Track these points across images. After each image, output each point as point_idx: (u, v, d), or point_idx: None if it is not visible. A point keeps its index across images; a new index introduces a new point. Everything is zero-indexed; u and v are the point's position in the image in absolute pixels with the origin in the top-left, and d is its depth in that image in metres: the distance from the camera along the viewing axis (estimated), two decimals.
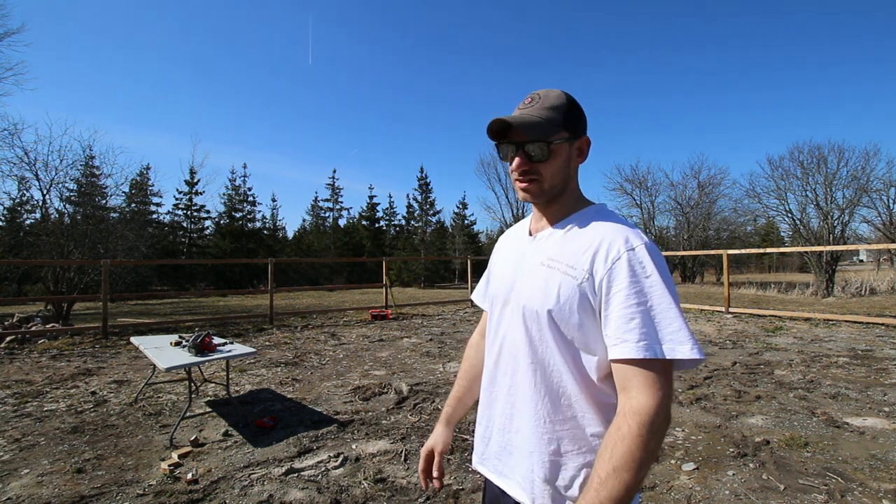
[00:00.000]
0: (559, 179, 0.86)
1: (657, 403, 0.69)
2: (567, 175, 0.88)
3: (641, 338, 0.71)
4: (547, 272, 0.82)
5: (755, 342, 6.14)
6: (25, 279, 15.20)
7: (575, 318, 0.78)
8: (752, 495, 2.26)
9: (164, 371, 3.06)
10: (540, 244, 0.89)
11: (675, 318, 0.72)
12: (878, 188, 19.54)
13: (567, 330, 0.79)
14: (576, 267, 0.79)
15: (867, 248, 29.61)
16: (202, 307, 13.74)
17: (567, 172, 0.88)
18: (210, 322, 8.56)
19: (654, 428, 0.68)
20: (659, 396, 0.70)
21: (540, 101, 0.85)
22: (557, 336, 0.80)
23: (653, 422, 0.68)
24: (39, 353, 5.97)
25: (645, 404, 0.69)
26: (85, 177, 14.76)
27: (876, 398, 3.66)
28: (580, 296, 0.78)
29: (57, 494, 2.36)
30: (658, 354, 0.70)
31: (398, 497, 2.32)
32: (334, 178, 35.31)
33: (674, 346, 0.71)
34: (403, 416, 3.48)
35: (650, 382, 0.70)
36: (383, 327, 8.13)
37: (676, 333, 0.71)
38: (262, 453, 2.83)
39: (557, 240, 0.86)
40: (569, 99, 0.87)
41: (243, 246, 27.29)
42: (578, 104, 0.89)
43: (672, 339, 0.71)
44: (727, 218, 27.74)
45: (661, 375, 0.71)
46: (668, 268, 0.76)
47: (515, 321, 0.86)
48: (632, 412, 0.69)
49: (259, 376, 4.70)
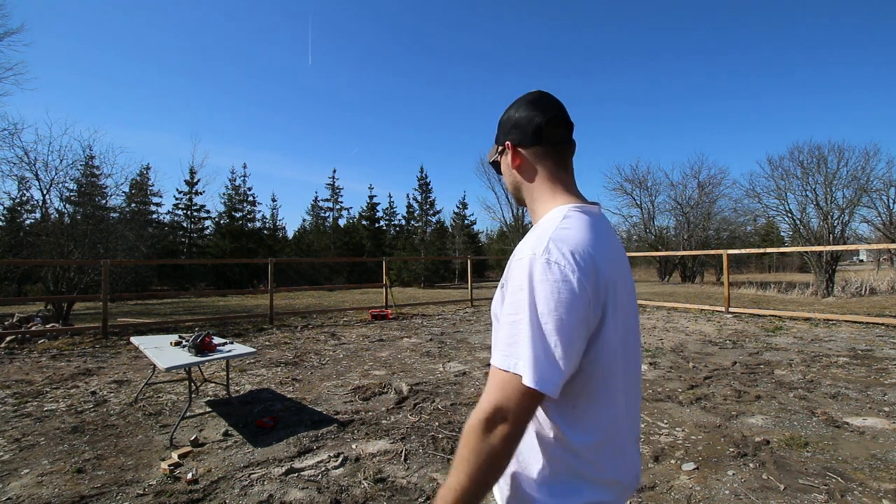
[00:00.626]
0: (511, 187, 0.92)
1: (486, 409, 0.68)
2: (513, 182, 0.91)
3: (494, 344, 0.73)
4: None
5: (755, 342, 6.14)
6: (25, 279, 15.22)
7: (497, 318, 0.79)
8: (752, 495, 2.26)
9: (164, 371, 3.06)
10: None
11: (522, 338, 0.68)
12: (878, 188, 19.59)
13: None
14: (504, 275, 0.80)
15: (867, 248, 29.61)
16: (202, 307, 13.73)
17: (512, 180, 0.91)
18: (210, 322, 8.56)
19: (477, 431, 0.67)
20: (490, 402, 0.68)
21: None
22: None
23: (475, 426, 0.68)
24: (39, 353, 5.97)
25: (478, 407, 0.69)
26: (85, 177, 14.74)
27: (876, 398, 3.66)
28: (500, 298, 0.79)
29: (57, 494, 2.36)
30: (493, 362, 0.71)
31: (398, 497, 2.32)
32: (334, 177, 35.30)
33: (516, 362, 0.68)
34: (403, 416, 3.48)
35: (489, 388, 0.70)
36: (383, 327, 8.14)
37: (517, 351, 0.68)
38: (262, 453, 2.83)
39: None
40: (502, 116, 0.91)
41: (243, 246, 27.27)
42: (506, 115, 0.90)
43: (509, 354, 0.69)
44: (727, 218, 27.77)
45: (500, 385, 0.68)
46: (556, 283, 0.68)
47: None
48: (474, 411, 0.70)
49: (259, 376, 4.70)
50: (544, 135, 0.85)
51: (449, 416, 3.46)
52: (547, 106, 0.86)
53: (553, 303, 0.68)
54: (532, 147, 0.86)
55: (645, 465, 2.64)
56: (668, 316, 9.10)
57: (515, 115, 0.87)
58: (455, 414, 3.49)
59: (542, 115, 0.85)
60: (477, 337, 6.94)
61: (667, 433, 3.08)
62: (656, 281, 28.84)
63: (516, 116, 0.87)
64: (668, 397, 3.83)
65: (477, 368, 4.91)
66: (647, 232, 32.18)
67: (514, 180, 0.90)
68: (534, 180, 0.87)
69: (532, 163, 0.87)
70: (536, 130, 0.85)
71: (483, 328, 7.84)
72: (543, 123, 0.85)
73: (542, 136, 0.85)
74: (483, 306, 11.54)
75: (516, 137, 0.87)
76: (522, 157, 0.87)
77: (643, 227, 32.44)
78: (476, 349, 5.97)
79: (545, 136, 0.85)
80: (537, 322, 0.68)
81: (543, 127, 0.85)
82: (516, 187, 0.90)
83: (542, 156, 0.86)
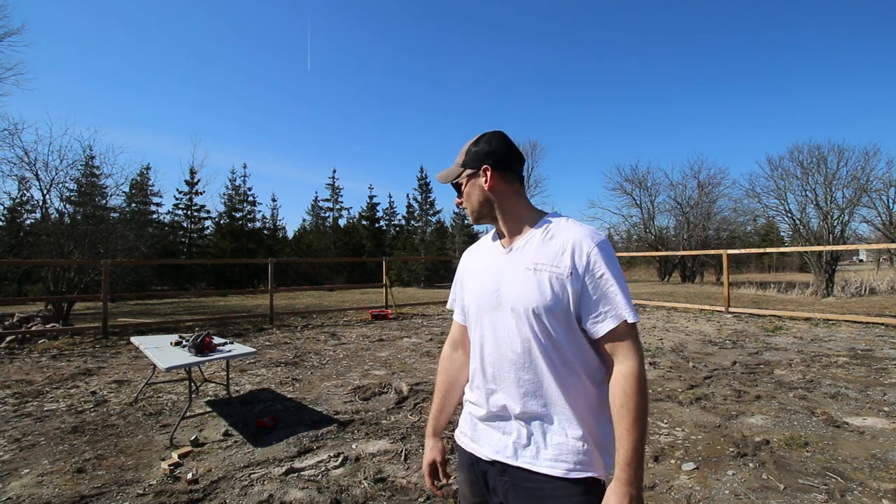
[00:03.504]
0: (477, 204, 1.08)
1: (641, 362, 0.93)
2: (484, 199, 1.07)
3: (620, 309, 0.93)
4: (535, 274, 0.97)
5: (755, 342, 6.14)
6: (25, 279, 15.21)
7: (565, 305, 0.95)
8: (751, 495, 2.27)
9: (164, 371, 3.06)
10: (518, 254, 1.02)
11: (628, 295, 0.95)
12: (878, 188, 19.58)
13: (560, 316, 0.95)
14: (559, 265, 0.96)
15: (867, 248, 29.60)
16: (202, 307, 13.73)
17: (483, 198, 1.07)
18: (210, 322, 8.55)
19: (644, 381, 0.92)
20: (640, 355, 0.94)
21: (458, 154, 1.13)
22: (554, 322, 0.96)
23: (643, 377, 0.92)
24: (39, 353, 5.97)
25: (634, 366, 0.92)
26: (85, 177, 14.73)
27: (876, 398, 3.67)
28: (568, 287, 0.95)
29: (57, 494, 2.36)
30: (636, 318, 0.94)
31: (398, 497, 2.32)
32: (334, 177, 35.29)
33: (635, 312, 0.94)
34: (403, 416, 3.48)
35: (633, 346, 0.93)
36: (383, 327, 8.14)
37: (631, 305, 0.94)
38: (262, 453, 2.83)
39: (534, 247, 1.01)
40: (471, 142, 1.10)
41: (243, 246, 27.26)
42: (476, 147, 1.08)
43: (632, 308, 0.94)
44: (727, 218, 27.76)
45: (635, 339, 0.94)
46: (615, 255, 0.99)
47: (509, 321, 1.00)
48: (630, 374, 0.91)
49: (259, 376, 4.70)
50: (515, 166, 1.09)
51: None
52: (515, 147, 1.10)
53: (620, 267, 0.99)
54: (505, 174, 1.07)
55: (645, 464, 2.64)
56: (667, 316, 9.10)
57: (492, 146, 1.07)
58: (455, 414, 3.49)
59: (515, 152, 1.09)
60: None
61: (667, 433, 3.08)
62: (656, 281, 28.83)
63: (493, 147, 1.07)
64: (668, 397, 3.83)
65: None
66: (646, 232, 32.18)
67: (485, 198, 1.07)
68: (510, 199, 1.07)
69: (506, 186, 1.07)
70: (510, 161, 1.08)
71: None
72: (515, 158, 1.09)
73: (514, 167, 1.09)
74: None
75: (493, 163, 1.06)
76: (497, 179, 1.06)
77: (643, 227, 32.45)
78: None
79: (516, 168, 1.09)
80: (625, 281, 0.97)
81: (515, 160, 1.09)
82: (486, 204, 1.08)
83: (514, 181, 1.08)
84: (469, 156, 1.09)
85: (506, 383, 1.01)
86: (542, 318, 0.95)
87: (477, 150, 1.08)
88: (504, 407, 1.01)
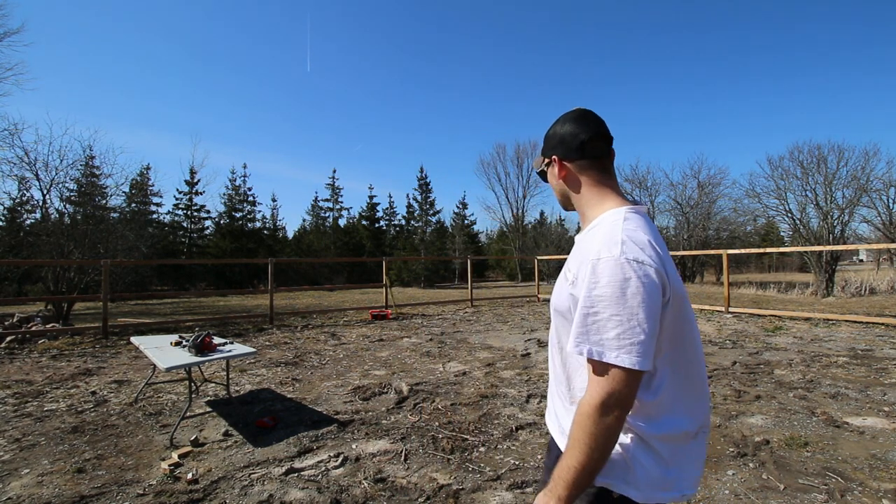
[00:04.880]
0: (558, 194, 1.05)
1: (595, 400, 0.79)
2: (560, 191, 1.03)
3: (578, 336, 0.82)
4: (564, 275, 0.95)
5: (755, 342, 6.14)
6: (25, 279, 15.21)
7: (571, 314, 0.90)
8: (752, 495, 2.26)
9: (164, 371, 3.06)
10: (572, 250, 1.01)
11: (609, 327, 0.79)
12: (878, 188, 19.56)
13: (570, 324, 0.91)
14: (572, 270, 0.91)
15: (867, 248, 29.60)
16: (202, 307, 13.73)
17: (560, 189, 1.03)
18: (210, 322, 8.55)
19: (593, 419, 0.78)
20: (598, 393, 0.79)
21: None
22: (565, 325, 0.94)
23: (591, 414, 0.79)
24: (39, 353, 5.97)
25: (587, 398, 0.81)
26: (85, 177, 14.76)
27: (876, 398, 3.66)
28: (570, 296, 0.90)
29: (57, 494, 2.36)
30: (589, 355, 0.81)
31: (398, 497, 2.32)
32: (334, 177, 35.31)
33: (602, 351, 0.79)
34: (403, 416, 3.48)
35: (593, 378, 0.81)
36: (383, 327, 8.14)
37: (607, 341, 0.79)
38: (263, 453, 2.83)
39: (575, 247, 0.99)
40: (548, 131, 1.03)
41: (243, 246, 27.27)
42: (551, 130, 1.02)
43: (603, 344, 0.79)
44: (727, 218, 27.73)
45: (602, 375, 0.80)
46: (629, 281, 0.79)
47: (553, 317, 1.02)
48: (583, 404, 0.81)
49: (259, 376, 4.70)
50: (587, 150, 0.96)
51: (449, 416, 3.45)
52: (588, 123, 0.97)
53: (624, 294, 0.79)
54: (576, 161, 0.97)
55: None
56: None
57: (560, 131, 0.99)
58: (455, 414, 3.49)
59: (585, 132, 0.96)
60: (477, 337, 6.94)
61: None
62: None
63: (561, 132, 0.99)
64: None
65: (477, 368, 4.91)
66: None
67: (562, 189, 1.02)
68: (580, 189, 0.99)
69: (577, 174, 0.98)
70: (580, 146, 0.96)
71: (483, 328, 7.84)
72: (586, 140, 0.96)
73: (585, 151, 0.96)
74: (483, 306, 11.54)
75: (562, 152, 0.98)
76: (568, 169, 0.99)
77: None
78: (476, 349, 5.97)
79: (587, 151, 0.96)
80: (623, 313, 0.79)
81: (586, 143, 0.96)
82: (564, 195, 1.03)
83: (585, 167, 0.97)
84: (545, 143, 1.03)
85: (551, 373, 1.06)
86: (557, 320, 0.97)
87: (550, 137, 1.02)
88: (552, 395, 1.06)
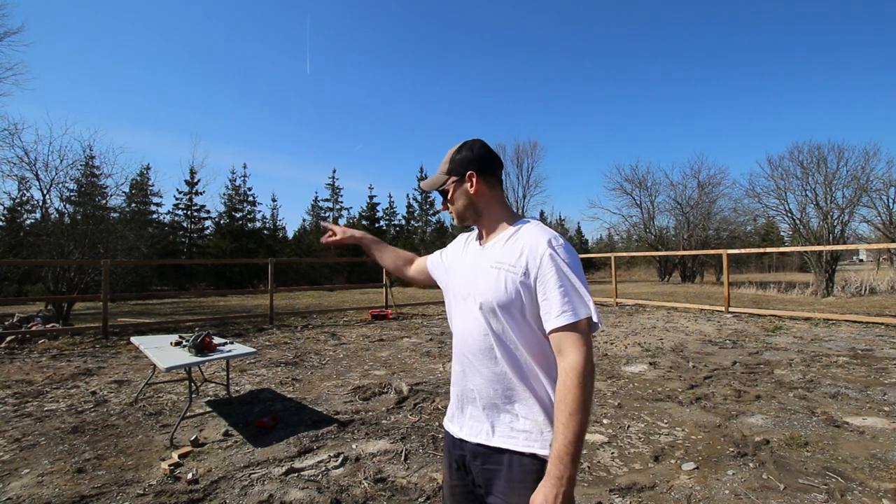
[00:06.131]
0: (462, 207, 1.16)
1: (584, 357, 0.94)
2: (469, 203, 1.15)
3: (567, 309, 0.96)
4: (496, 272, 1.05)
5: (755, 342, 6.14)
6: (25, 279, 15.23)
7: (519, 303, 1.02)
8: (752, 495, 2.27)
9: (164, 371, 3.06)
10: (488, 252, 1.11)
11: (583, 294, 0.98)
12: (878, 188, 19.60)
13: (515, 312, 1.02)
14: (515, 266, 1.02)
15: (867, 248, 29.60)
16: (202, 307, 13.73)
17: (468, 202, 1.15)
18: (210, 322, 8.55)
19: (587, 375, 0.92)
20: (584, 351, 0.94)
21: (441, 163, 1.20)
22: (509, 318, 1.03)
23: (584, 371, 0.92)
24: (40, 353, 5.97)
25: (576, 360, 0.93)
26: (85, 177, 14.74)
27: (876, 398, 3.67)
28: (521, 286, 1.01)
29: (57, 494, 2.36)
30: (579, 317, 0.96)
31: (398, 497, 2.32)
32: (334, 177, 35.34)
33: (589, 314, 0.97)
34: (403, 416, 3.48)
35: (577, 342, 0.95)
36: (383, 327, 8.14)
37: (586, 305, 0.97)
38: (263, 453, 2.83)
39: (500, 247, 1.09)
40: (453, 150, 1.17)
41: (243, 246, 27.26)
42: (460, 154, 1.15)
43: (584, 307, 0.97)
44: (727, 218, 27.74)
45: (583, 335, 0.96)
46: (578, 258, 1.03)
47: (475, 312, 1.08)
48: (570, 369, 0.93)
49: (259, 376, 4.70)
50: (497, 171, 1.18)
51: None
52: (494, 152, 1.18)
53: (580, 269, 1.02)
54: (489, 178, 1.15)
55: (645, 464, 2.64)
56: (667, 316, 9.10)
57: (475, 153, 1.15)
58: None
59: (496, 158, 1.18)
60: None
61: (667, 433, 3.08)
62: (656, 281, 28.83)
63: (477, 154, 1.15)
64: (668, 397, 3.83)
65: None
66: (647, 232, 32.17)
67: (472, 202, 1.15)
68: (493, 204, 1.15)
69: (489, 191, 1.15)
70: (493, 167, 1.16)
71: None
72: (497, 163, 1.18)
73: (496, 172, 1.17)
74: None
75: (478, 169, 1.14)
76: (482, 185, 1.14)
77: (643, 227, 32.44)
78: None
79: (498, 172, 1.18)
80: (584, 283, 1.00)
81: (497, 166, 1.18)
82: (472, 208, 1.15)
83: (495, 185, 1.17)
84: (454, 163, 1.16)
85: (472, 369, 1.10)
86: (496, 312, 1.03)
87: (461, 158, 1.15)
88: (472, 390, 1.10)
